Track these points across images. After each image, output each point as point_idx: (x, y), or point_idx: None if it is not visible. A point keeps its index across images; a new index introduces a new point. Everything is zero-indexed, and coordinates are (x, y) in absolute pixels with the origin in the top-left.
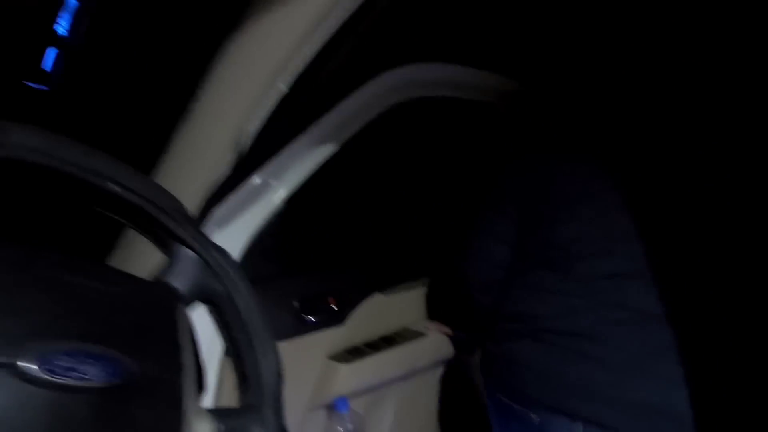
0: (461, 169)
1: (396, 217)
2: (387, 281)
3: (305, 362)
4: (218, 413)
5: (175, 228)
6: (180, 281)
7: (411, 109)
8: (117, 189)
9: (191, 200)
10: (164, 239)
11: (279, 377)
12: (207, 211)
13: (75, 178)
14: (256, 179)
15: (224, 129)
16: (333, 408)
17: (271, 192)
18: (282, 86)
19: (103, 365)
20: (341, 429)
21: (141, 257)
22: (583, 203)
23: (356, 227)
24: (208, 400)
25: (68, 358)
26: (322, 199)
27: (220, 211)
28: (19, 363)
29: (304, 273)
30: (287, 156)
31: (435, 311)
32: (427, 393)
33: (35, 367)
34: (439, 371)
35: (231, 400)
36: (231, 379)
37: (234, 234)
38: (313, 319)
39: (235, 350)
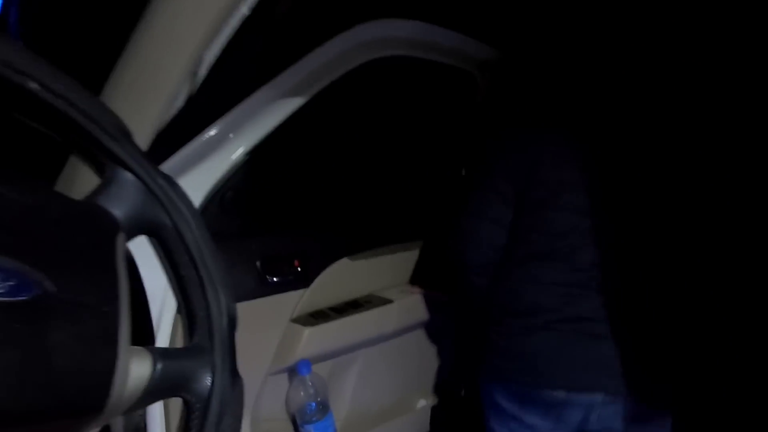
0: (434, 135)
1: (368, 179)
2: (356, 245)
3: (267, 324)
4: (158, 352)
5: (112, 145)
6: (117, 207)
7: (386, 68)
8: (39, 89)
9: (139, 137)
10: (98, 157)
11: (232, 320)
12: (158, 149)
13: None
14: (218, 128)
15: (177, 56)
16: (295, 371)
17: (232, 144)
18: (244, 10)
19: (22, 282)
20: (302, 392)
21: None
22: (571, 191)
23: (326, 187)
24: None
25: None
26: (290, 155)
27: (175, 159)
28: None
29: (268, 233)
30: (250, 106)
31: (417, 272)
32: (393, 359)
33: None
34: (406, 338)
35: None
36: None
37: (191, 186)
38: (276, 281)
39: (182, 289)
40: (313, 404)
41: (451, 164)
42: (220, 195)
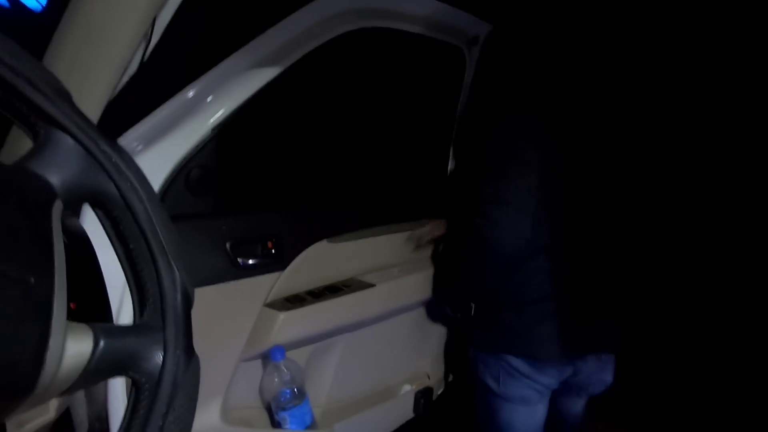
0: (419, 111)
1: (349, 157)
2: (336, 227)
3: (239, 309)
4: (102, 329)
5: (45, 104)
6: (53, 173)
7: (370, 39)
8: None
9: (87, 107)
10: (30, 118)
11: (186, 296)
12: (113, 122)
13: None
14: (182, 99)
15: (126, 17)
16: (268, 357)
17: (199, 116)
18: None
19: None
20: (277, 378)
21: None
22: (563, 187)
23: (303, 165)
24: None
25: None
26: (264, 129)
27: (133, 134)
28: None
29: (239, 213)
30: (220, 75)
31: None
32: (375, 345)
33: None
34: (389, 323)
35: None
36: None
37: (152, 162)
38: (248, 264)
39: (131, 263)
40: (288, 391)
41: (436, 141)
42: (185, 172)
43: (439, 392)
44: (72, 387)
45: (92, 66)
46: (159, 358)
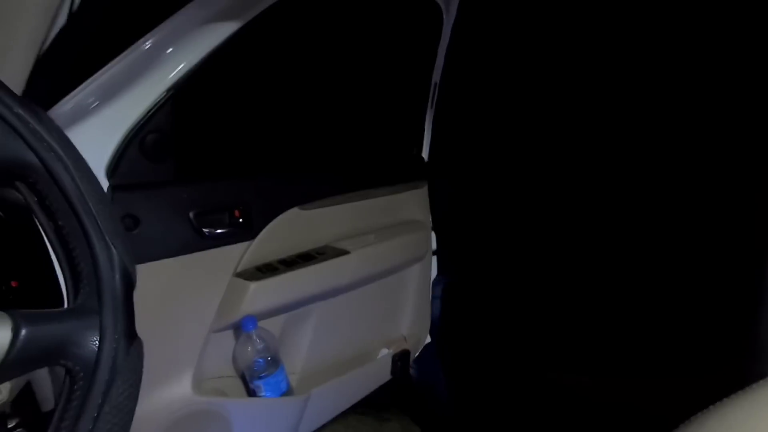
0: (393, 70)
1: (320, 118)
2: (306, 195)
3: (207, 280)
4: (23, 315)
5: None
6: None
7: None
8: None
9: (10, 66)
10: None
11: (126, 275)
12: (48, 84)
13: None
14: (131, 56)
15: None
16: (240, 328)
17: (152, 75)
18: None
19: None
20: (249, 348)
21: None
22: None
23: (270, 128)
24: None
25: None
26: (226, 88)
27: (77, 98)
28: None
29: (201, 180)
30: (173, 29)
31: None
32: (351, 311)
33: None
34: (364, 289)
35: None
36: None
37: (100, 127)
38: (216, 233)
39: (61, 241)
40: (262, 360)
41: (411, 103)
42: (140, 138)
43: (417, 354)
44: None
45: (11, 16)
46: (95, 343)
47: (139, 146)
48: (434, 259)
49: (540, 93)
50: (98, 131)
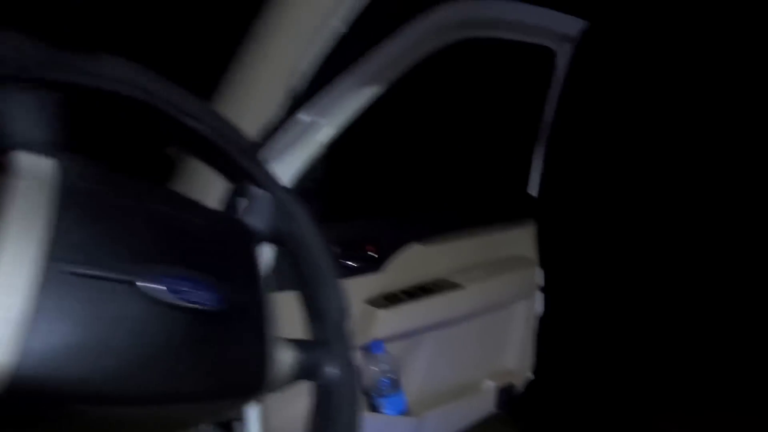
0: (510, 114)
1: (439, 163)
2: (425, 232)
3: None
4: (299, 344)
5: (250, 168)
6: (253, 219)
7: (463, 49)
8: (199, 126)
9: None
10: (238, 177)
11: (345, 313)
12: (263, 144)
13: (159, 112)
14: (303, 117)
15: (277, 69)
16: (368, 350)
17: (316, 132)
18: (337, 23)
19: (208, 291)
20: (376, 369)
21: (201, 189)
22: None
23: (400, 173)
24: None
25: (182, 282)
26: (365, 142)
27: (263, 151)
28: (139, 283)
29: (345, 219)
30: (334, 93)
31: None
32: (462, 341)
33: (158, 287)
34: (475, 321)
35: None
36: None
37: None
38: (352, 265)
39: (304, 287)
40: (386, 380)
41: (522, 143)
42: (300, 186)
43: (520, 390)
44: (282, 387)
45: (252, 109)
46: (328, 369)
47: (300, 192)
48: (541, 295)
49: (652, 133)
50: None
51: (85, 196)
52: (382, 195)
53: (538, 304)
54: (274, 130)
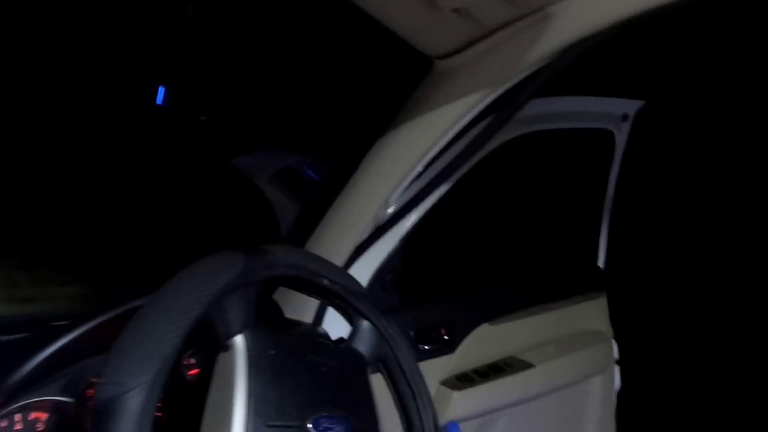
0: (573, 196)
1: (509, 246)
2: (494, 311)
3: None
4: None
5: (361, 307)
6: (363, 347)
7: (527, 140)
8: (329, 284)
9: (344, 255)
10: (352, 315)
11: (436, 426)
12: (353, 261)
13: (306, 280)
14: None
15: (372, 204)
16: (445, 431)
17: (395, 228)
18: (419, 168)
19: (344, 425)
20: None
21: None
22: None
23: (470, 258)
24: None
25: (328, 421)
26: (437, 232)
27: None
28: (308, 425)
29: (419, 305)
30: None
31: None
32: (537, 419)
33: (318, 429)
34: (549, 399)
35: None
36: None
37: (363, 269)
38: (427, 348)
39: (401, 402)
40: None
41: (588, 219)
42: (381, 278)
43: None
44: None
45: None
46: None
47: (381, 284)
48: (618, 369)
49: (710, 204)
50: (358, 276)
51: (267, 361)
52: (456, 278)
53: (615, 378)
54: (364, 246)
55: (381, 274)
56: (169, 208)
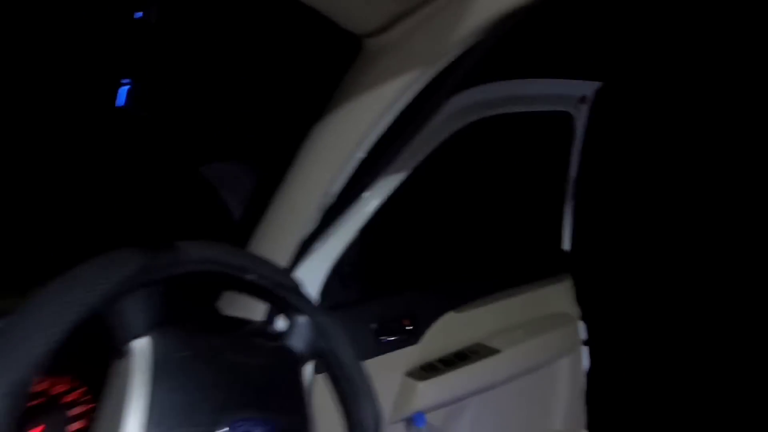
0: (532, 179)
1: (470, 233)
2: (459, 299)
3: (384, 380)
4: None
5: (295, 301)
6: (299, 343)
7: (487, 124)
8: (256, 279)
9: (289, 250)
10: (287, 310)
11: (378, 422)
12: (299, 259)
13: (231, 276)
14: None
15: (313, 194)
16: (411, 422)
17: (345, 227)
18: (360, 154)
19: (267, 427)
20: None
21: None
22: None
23: (429, 248)
24: None
25: (247, 424)
26: (395, 224)
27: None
28: (222, 430)
29: (380, 297)
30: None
31: None
32: (505, 404)
33: None
34: (517, 383)
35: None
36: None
37: (319, 261)
38: (390, 340)
39: (341, 399)
40: None
41: (551, 202)
42: (339, 271)
43: None
44: None
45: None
46: None
47: (339, 277)
48: (586, 350)
49: (671, 183)
50: (313, 270)
51: (174, 365)
52: (417, 268)
53: (583, 359)
54: (311, 239)
55: (339, 267)
56: (107, 210)
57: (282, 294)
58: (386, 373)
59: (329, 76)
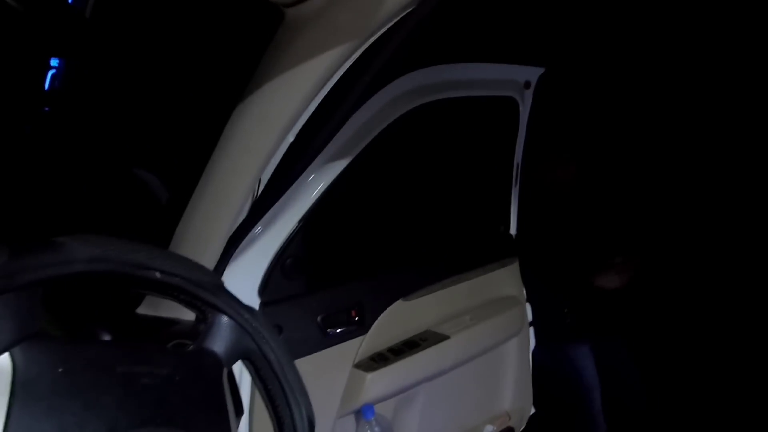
0: (478, 164)
1: (416, 219)
2: (408, 287)
3: (333, 373)
4: None
5: (212, 299)
6: (219, 345)
7: (431, 109)
8: (163, 277)
9: (217, 244)
10: (203, 309)
11: (311, 423)
12: (231, 250)
13: (127, 275)
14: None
15: (241, 182)
16: (360, 415)
17: (286, 216)
18: (290, 138)
19: None
20: None
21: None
22: None
23: (375, 238)
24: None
25: None
26: (339, 212)
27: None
28: None
29: (325, 289)
30: (302, 178)
31: None
32: (455, 390)
33: None
34: (466, 368)
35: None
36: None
37: (258, 254)
38: (338, 332)
39: (270, 400)
40: None
41: (498, 186)
42: (281, 264)
43: (522, 428)
44: None
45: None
46: None
47: (280, 269)
48: (531, 330)
49: (615, 166)
50: (252, 263)
51: (51, 382)
52: (363, 257)
53: (530, 339)
54: (242, 231)
55: (280, 260)
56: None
57: (195, 291)
58: (334, 366)
59: (250, 50)
